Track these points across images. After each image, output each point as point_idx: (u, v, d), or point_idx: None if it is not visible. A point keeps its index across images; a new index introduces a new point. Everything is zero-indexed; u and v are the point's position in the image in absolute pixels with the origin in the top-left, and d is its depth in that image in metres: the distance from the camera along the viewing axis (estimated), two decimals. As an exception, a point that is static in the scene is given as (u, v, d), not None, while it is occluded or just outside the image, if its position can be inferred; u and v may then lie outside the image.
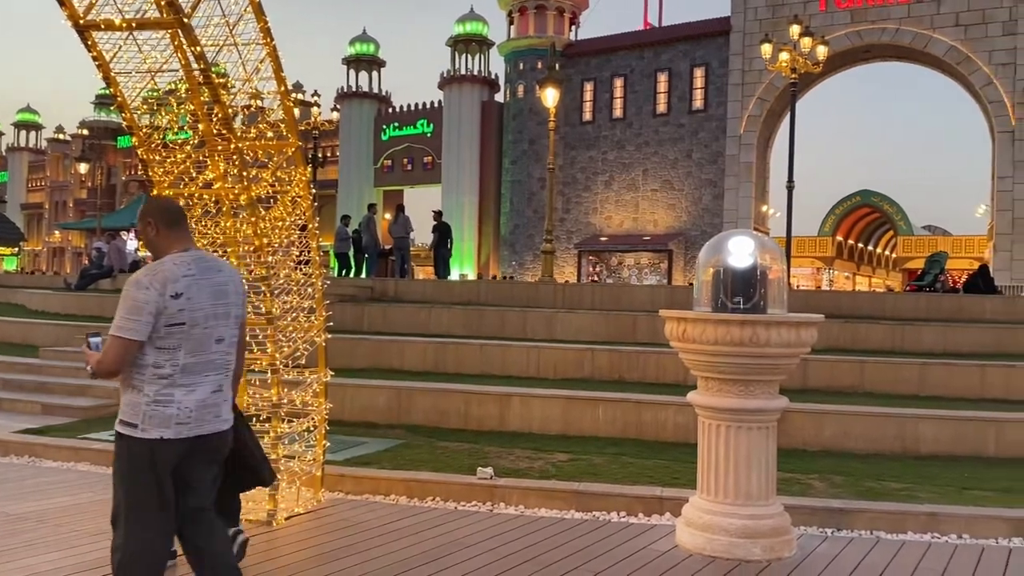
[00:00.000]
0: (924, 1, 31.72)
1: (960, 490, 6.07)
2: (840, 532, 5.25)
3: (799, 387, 8.80)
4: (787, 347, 4.70)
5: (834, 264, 49.44)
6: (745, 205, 35.52)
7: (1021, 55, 30.35)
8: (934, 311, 12.28)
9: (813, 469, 6.64)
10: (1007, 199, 30.47)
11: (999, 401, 8.62)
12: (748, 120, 34.95)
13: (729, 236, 4.96)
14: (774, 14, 33.43)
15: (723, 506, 4.67)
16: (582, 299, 13.17)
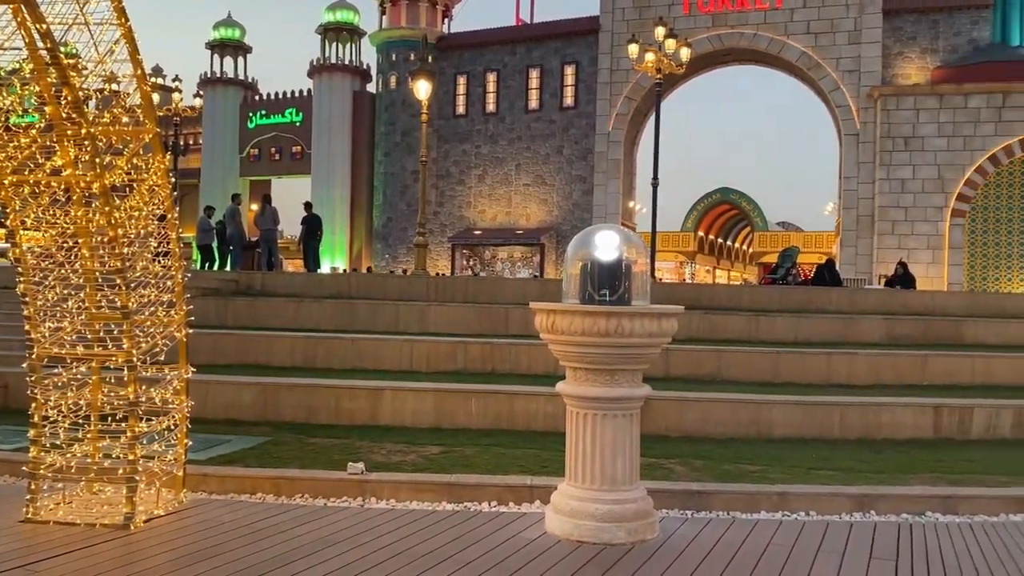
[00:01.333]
0: (779, 9, 33.48)
1: (808, 470, 6.49)
2: (699, 513, 5.50)
3: (662, 376, 9.16)
4: (650, 337, 4.87)
5: (696, 258, 51.64)
6: (613, 201, 36.52)
7: (865, 63, 32.54)
8: (786, 303, 13.04)
9: (675, 454, 6.93)
10: (852, 198, 32.64)
11: (843, 386, 9.27)
12: (616, 118, 35.92)
13: (596, 231, 5.09)
14: (640, 15, 34.46)
15: (590, 492, 4.81)
16: (455, 292, 13.22)
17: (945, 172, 30.81)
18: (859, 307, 12.96)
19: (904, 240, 31.07)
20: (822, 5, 33.10)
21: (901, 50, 32.74)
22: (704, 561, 4.49)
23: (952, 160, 30.75)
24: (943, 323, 12.15)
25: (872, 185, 31.92)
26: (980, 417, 7.98)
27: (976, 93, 30.47)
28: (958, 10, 32.42)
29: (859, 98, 32.38)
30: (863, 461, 6.90)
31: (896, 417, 7.87)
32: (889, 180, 31.42)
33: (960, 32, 32.41)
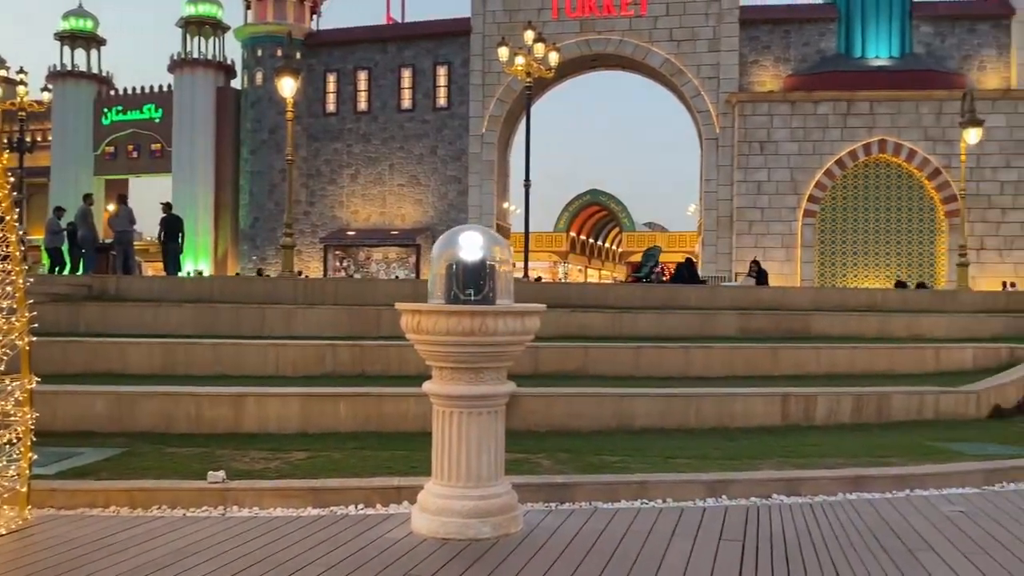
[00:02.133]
0: (643, 16, 34.65)
1: (666, 459, 6.78)
2: (563, 505, 5.66)
3: (531, 373, 9.36)
4: (514, 335, 4.99)
5: (569, 258, 52.76)
6: (488, 201, 36.82)
7: (723, 70, 34.14)
8: (649, 300, 13.54)
9: (542, 448, 7.09)
10: (713, 199, 34.18)
11: (700, 378, 9.72)
12: (489, 120, 36.23)
13: (460, 231, 5.17)
14: (511, 19, 34.88)
15: (455, 489, 4.88)
16: (324, 294, 13.01)
17: (797, 175, 32.73)
18: (716, 303, 13.62)
19: (760, 239, 32.80)
20: (683, 14, 34.49)
21: (756, 58, 34.54)
22: (565, 551, 4.64)
23: (803, 163, 32.70)
24: (792, 317, 12.94)
25: (731, 187, 33.52)
26: (823, 404, 8.56)
27: (824, 100, 32.53)
28: (807, 22, 34.51)
29: (718, 104, 33.95)
30: (717, 449, 7.28)
31: (748, 406, 8.33)
32: (746, 182, 33.10)
33: (809, 43, 34.51)
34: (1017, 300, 16.51)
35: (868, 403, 8.70)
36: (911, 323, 13.16)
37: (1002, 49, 33.13)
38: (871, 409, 8.68)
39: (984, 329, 13.38)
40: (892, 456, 7.09)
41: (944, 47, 33.62)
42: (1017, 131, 31.77)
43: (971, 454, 7.21)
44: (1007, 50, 33.03)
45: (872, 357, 10.94)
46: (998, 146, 31.58)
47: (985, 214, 31.72)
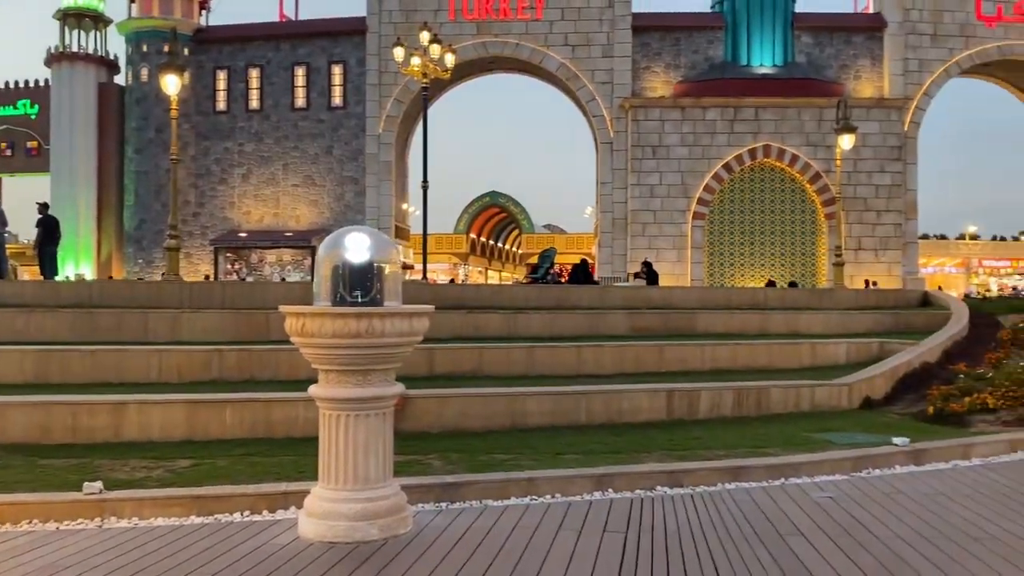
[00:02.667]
0: (539, 20, 35.06)
1: (556, 456, 6.92)
2: (453, 504, 5.71)
3: (426, 374, 9.37)
4: (402, 336, 4.99)
5: (469, 259, 52.86)
6: (386, 203, 36.49)
7: (617, 75, 34.89)
8: (544, 301, 13.73)
9: (434, 449, 7.11)
10: (608, 202, 34.88)
11: (591, 376, 9.94)
12: (386, 120, 35.92)
13: (346, 233, 5.13)
14: (407, 19, 34.69)
15: (342, 492, 4.85)
16: (212, 298, 12.63)
17: (687, 178, 33.78)
18: (607, 303, 13.93)
19: (654, 241, 33.69)
20: (578, 19, 35.08)
21: (648, 64, 35.46)
22: (453, 549, 4.68)
23: (693, 167, 33.78)
24: (679, 316, 13.37)
25: (625, 190, 34.28)
26: (706, 399, 8.90)
27: (712, 107, 33.69)
28: (696, 30, 35.66)
29: (612, 108, 34.67)
30: (605, 444, 7.47)
31: (635, 402, 8.58)
32: (640, 186, 33.93)
33: (698, 50, 35.67)
34: (886, 297, 17.55)
35: (748, 397, 9.09)
36: (790, 320, 13.80)
37: (876, 60, 35.08)
38: (751, 402, 9.07)
39: (857, 325, 14.16)
40: (769, 447, 7.44)
41: (823, 57, 35.34)
42: (890, 137, 33.70)
43: (841, 443, 7.63)
44: (880, 61, 35.00)
45: (753, 353, 11.43)
46: (873, 151, 33.43)
47: (862, 216, 33.51)
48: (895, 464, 7.04)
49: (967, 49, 34.76)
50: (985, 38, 34.82)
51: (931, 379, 10.60)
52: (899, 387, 10.55)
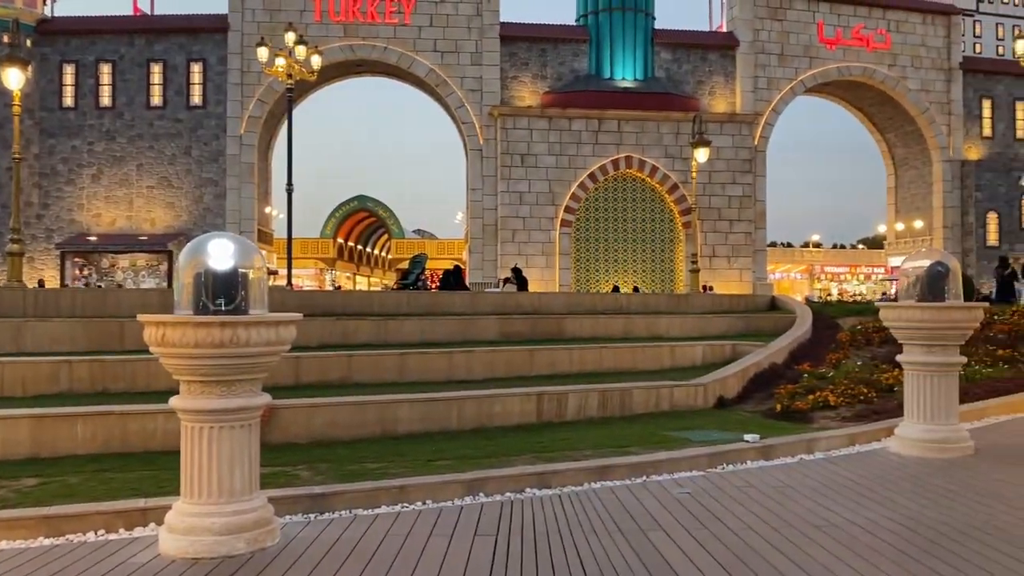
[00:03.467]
0: (408, 25, 34.95)
1: (427, 462, 6.94)
2: (322, 515, 5.63)
3: (292, 383, 9.18)
4: (268, 345, 4.89)
5: (336, 265, 51.93)
6: (248, 206, 35.36)
7: (486, 83, 35.23)
8: (415, 306, 13.72)
9: (302, 460, 6.99)
10: (478, 208, 35.15)
11: (463, 381, 10.01)
12: (249, 121, 34.84)
13: (210, 239, 4.99)
14: (271, 18, 33.82)
15: (206, 507, 4.71)
16: (59, 305, 11.90)
17: (555, 187, 34.52)
18: (479, 308, 14.08)
19: (523, 247, 34.22)
20: (447, 26, 35.21)
21: (516, 74, 36.00)
22: (322, 560, 4.63)
23: (560, 176, 34.56)
24: (548, 320, 13.67)
25: (495, 197, 34.66)
26: (573, 401, 9.15)
27: (578, 118, 34.59)
28: (562, 42, 36.50)
29: (482, 116, 34.99)
30: (477, 448, 7.55)
31: (506, 406, 8.72)
32: (509, 193, 34.40)
33: (564, 62, 36.52)
34: (738, 301, 18.54)
35: (613, 398, 9.41)
36: (651, 324, 14.37)
37: (729, 77, 37.00)
38: (615, 403, 9.40)
39: (712, 328, 14.90)
40: (632, 446, 7.73)
41: (681, 72, 36.95)
42: (741, 151, 35.61)
43: (698, 441, 8.03)
44: (733, 78, 36.94)
45: (617, 356, 11.83)
46: (726, 164, 35.24)
47: (715, 225, 35.23)
48: (747, 459, 7.47)
49: (811, 69, 37.23)
50: (827, 59, 37.42)
51: (778, 378, 11.29)
52: (750, 386, 11.18)
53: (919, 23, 38.70)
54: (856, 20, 37.85)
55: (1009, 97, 40.11)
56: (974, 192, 39.01)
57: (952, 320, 7.38)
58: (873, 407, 9.52)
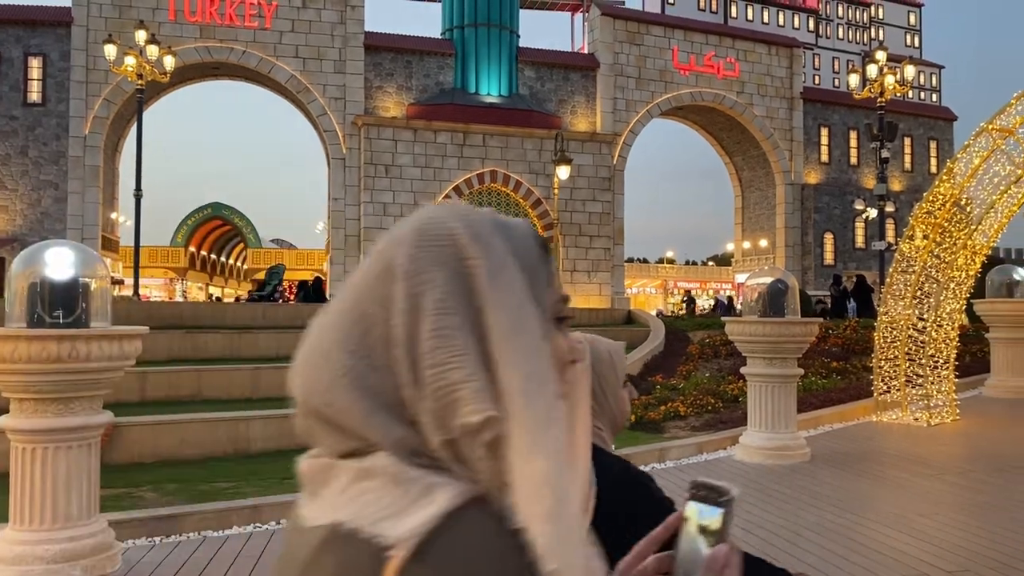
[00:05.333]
0: (268, 29, 34.03)
1: (282, 480, 6.74)
2: (169, 538, 5.37)
3: (138, 400, 8.72)
4: (110, 360, 4.63)
5: (187, 275, 49.70)
6: (92, 211, 33.30)
7: (350, 92, 34.75)
8: (271, 319, 13.32)
9: (148, 481, 6.64)
10: (340, 218, 34.56)
11: (321, 397, 9.79)
12: (94, 121, 32.87)
13: (47, 247, 4.71)
14: (121, 15, 32.11)
15: (38, 534, 4.39)
16: None
17: (420, 199, 34.39)
18: (339, 321, 13.82)
19: (386, 259, 33.89)
20: (309, 32, 34.54)
21: (381, 84, 35.72)
22: (168, 586, 4.42)
23: (425, 188, 34.50)
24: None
25: (358, 207, 34.20)
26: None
27: (443, 130, 34.68)
28: (428, 55, 36.54)
29: (345, 125, 34.48)
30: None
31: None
32: (373, 203, 34.02)
33: (429, 74, 36.55)
34: (597, 315, 19.08)
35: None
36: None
37: (590, 97, 38.12)
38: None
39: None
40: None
41: (544, 91, 37.76)
42: (601, 169, 36.73)
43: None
44: (594, 98, 38.08)
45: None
46: (587, 181, 36.24)
47: (576, 240, 36.14)
48: (603, 470, 7.68)
49: (666, 93, 38.92)
50: (680, 84, 39.23)
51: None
52: (607, 398, 11.49)
53: (765, 53, 41.24)
54: (708, 48, 39.90)
55: (844, 126, 43.34)
56: (813, 214, 41.85)
57: (791, 334, 7.88)
58: (720, 416, 10.01)
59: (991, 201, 10.41)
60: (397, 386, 0.66)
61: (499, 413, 0.63)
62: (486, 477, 0.64)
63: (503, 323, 0.65)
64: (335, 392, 0.67)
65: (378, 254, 0.71)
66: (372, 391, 0.66)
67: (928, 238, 10.41)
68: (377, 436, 0.65)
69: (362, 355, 0.67)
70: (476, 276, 0.67)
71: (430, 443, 0.65)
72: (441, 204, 0.76)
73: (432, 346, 0.64)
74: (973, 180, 10.39)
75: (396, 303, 0.66)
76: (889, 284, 10.81)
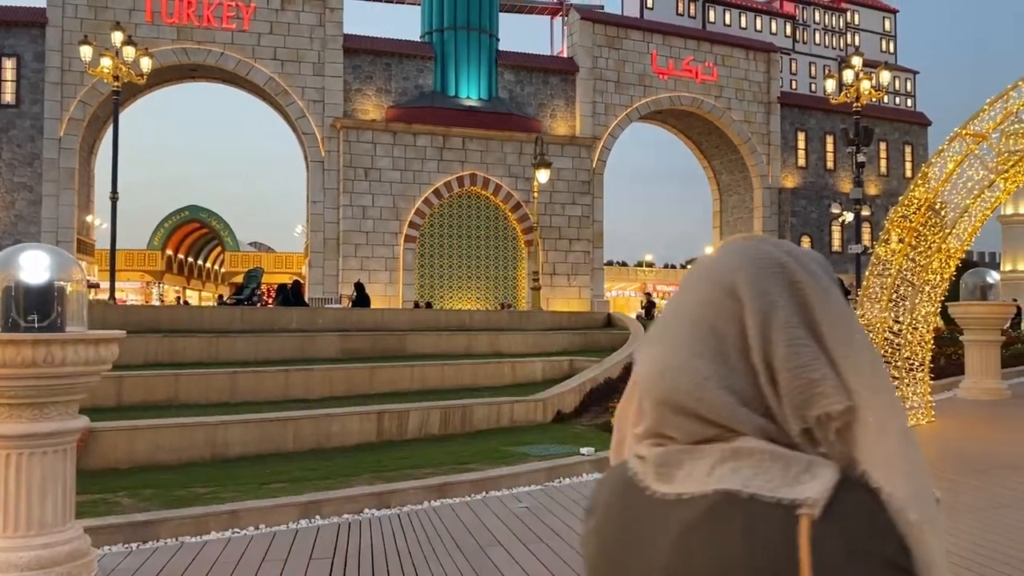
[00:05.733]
0: (246, 32, 33.82)
1: (260, 486, 6.70)
2: (146, 544, 5.32)
3: (114, 404, 8.63)
4: (86, 365, 4.59)
5: (164, 278, 49.28)
6: (67, 214, 32.92)
7: (328, 95, 34.60)
8: (248, 323, 13.22)
9: (124, 486, 6.57)
10: (319, 221, 34.38)
11: (300, 401, 9.74)
12: (70, 123, 32.51)
13: (22, 250, 4.66)
14: (96, 16, 31.80)
15: (13, 540, 4.33)
16: None
17: (399, 202, 34.32)
18: (318, 325, 13.75)
19: (366, 262, 33.76)
20: (288, 34, 34.36)
21: (360, 87, 35.59)
22: (145, 593, 4.37)
23: (405, 191, 34.41)
24: (390, 337, 13.54)
25: (337, 210, 34.05)
26: (414, 419, 9.10)
27: (423, 133, 34.62)
28: (407, 58, 36.46)
29: (324, 127, 34.32)
30: (313, 470, 7.36)
31: (345, 426, 8.55)
32: (352, 206, 33.87)
33: (409, 77, 36.47)
34: (577, 318, 19.13)
35: (454, 415, 9.44)
36: (493, 341, 14.54)
37: (569, 101, 38.21)
38: (457, 420, 9.43)
39: (551, 344, 15.26)
40: (473, 462, 7.79)
41: (524, 94, 37.80)
42: (581, 173, 36.81)
43: (537, 455, 8.20)
44: (573, 102, 38.17)
45: (459, 372, 11.89)
46: (566, 185, 36.31)
47: (556, 244, 36.19)
48: (583, 472, 7.70)
49: (645, 97, 39.09)
50: (659, 89, 39.41)
51: (613, 393, 11.71)
52: (587, 400, 11.53)
53: (743, 58, 41.53)
54: (686, 53, 40.12)
55: (820, 130, 43.73)
56: (790, 217, 42.19)
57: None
58: (699, 419, 10.04)
59: (965, 205, 10.54)
60: (754, 385, 0.82)
61: (853, 403, 0.80)
62: (835, 454, 0.80)
63: (840, 334, 0.83)
64: (703, 391, 0.83)
65: (711, 283, 0.89)
66: (732, 389, 0.82)
67: (903, 242, 10.52)
68: (743, 425, 0.81)
69: (720, 362, 0.83)
70: (808, 295, 0.84)
71: (788, 429, 0.81)
72: (753, 238, 0.94)
73: (788, 353, 0.81)
74: (947, 184, 10.52)
75: (747, 319, 0.83)
76: (865, 287, 10.91)
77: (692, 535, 0.79)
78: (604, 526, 0.88)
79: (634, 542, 0.84)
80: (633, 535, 0.84)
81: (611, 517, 0.87)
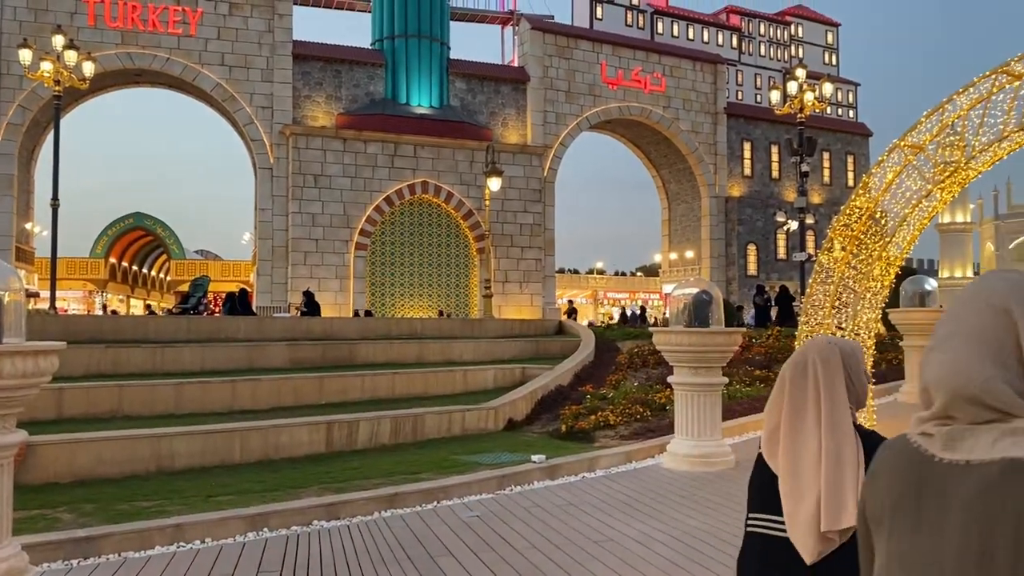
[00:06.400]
0: (193, 36, 33.30)
1: (207, 498, 6.58)
2: (87, 560, 5.19)
3: (54, 417, 8.41)
4: (24, 378, 4.47)
5: (108, 287, 48.16)
6: (6, 221, 31.98)
7: (277, 101, 34.23)
8: (195, 332, 12.99)
9: (64, 501, 6.40)
10: (268, 229, 33.94)
11: (247, 412, 9.60)
12: (8, 128, 31.60)
13: (-45, 259, 4.51)
14: (37, 18, 31.02)
15: (-55, 560, 4.19)
16: None
17: (350, 209, 34.06)
18: (267, 334, 13.57)
19: (315, 270, 33.41)
20: (236, 40, 33.93)
21: (310, 93, 35.28)
22: (85, 611, 4.27)
23: (355, 199, 34.16)
24: (340, 346, 13.43)
25: (286, 217, 33.65)
26: (364, 429, 9.03)
27: (373, 141, 34.43)
28: (357, 64, 36.26)
29: (272, 134, 33.93)
30: (261, 482, 7.26)
31: (294, 436, 8.45)
32: (301, 214, 33.52)
33: (359, 84, 36.26)
34: (528, 326, 19.18)
35: (405, 424, 9.39)
36: (445, 349, 14.51)
37: (520, 109, 38.37)
38: (407, 430, 9.39)
39: (503, 352, 15.29)
40: (424, 472, 7.76)
41: (475, 103, 37.85)
42: (532, 181, 36.97)
43: (488, 464, 8.20)
44: (524, 111, 38.34)
45: (410, 381, 11.83)
46: (518, 193, 36.43)
47: (508, 251, 36.26)
48: (533, 480, 7.73)
49: (595, 107, 39.44)
50: (609, 98, 39.81)
51: (564, 400, 11.78)
52: (538, 408, 11.57)
53: (690, 69, 42.18)
54: (635, 63, 40.61)
55: (766, 140, 44.59)
56: (737, 226, 42.90)
57: (715, 343, 8.07)
58: (648, 425, 10.16)
59: (904, 214, 10.84)
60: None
61: None
62: None
63: None
64: (991, 386, 1.10)
65: (989, 304, 1.15)
66: (1012, 384, 1.10)
67: (845, 250, 10.77)
68: (1020, 410, 1.09)
69: (1000, 364, 1.11)
70: None
71: None
72: (1012, 270, 1.20)
73: None
74: (887, 194, 10.81)
75: (1021, 332, 1.11)
76: (809, 294, 11.14)
77: (991, 491, 1.05)
78: (893, 482, 1.16)
79: (927, 495, 1.11)
80: (925, 489, 1.12)
81: (898, 475, 1.16)
